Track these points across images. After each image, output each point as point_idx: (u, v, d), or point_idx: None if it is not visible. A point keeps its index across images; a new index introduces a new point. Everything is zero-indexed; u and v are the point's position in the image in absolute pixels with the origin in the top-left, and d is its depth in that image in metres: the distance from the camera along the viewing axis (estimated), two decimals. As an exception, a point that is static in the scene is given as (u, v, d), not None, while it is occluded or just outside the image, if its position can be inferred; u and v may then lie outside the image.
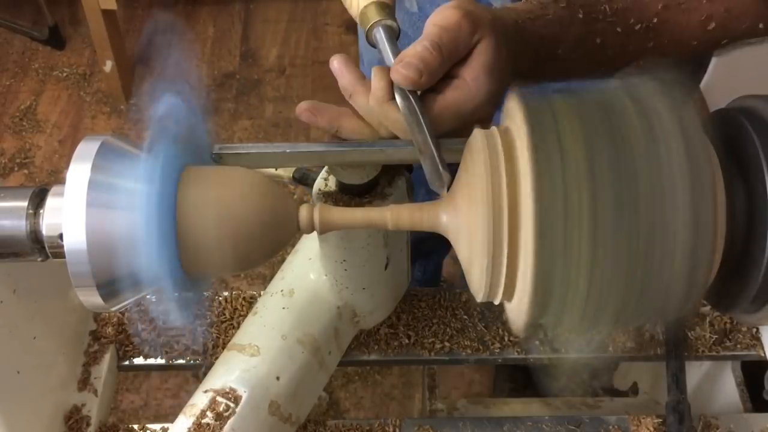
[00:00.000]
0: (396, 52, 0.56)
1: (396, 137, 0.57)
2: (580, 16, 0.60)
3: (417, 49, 0.53)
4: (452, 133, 0.55)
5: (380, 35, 0.57)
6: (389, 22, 0.58)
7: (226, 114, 2.13)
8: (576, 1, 0.61)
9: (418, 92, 0.55)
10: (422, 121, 0.53)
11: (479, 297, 0.48)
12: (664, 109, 0.45)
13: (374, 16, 0.57)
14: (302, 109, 0.58)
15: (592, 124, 0.44)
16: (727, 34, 0.64)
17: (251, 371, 0.69)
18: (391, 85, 0.55)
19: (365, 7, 0.58)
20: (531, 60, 0.59)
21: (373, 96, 0.56)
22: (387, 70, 0.56)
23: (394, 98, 0.55)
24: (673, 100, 0.45)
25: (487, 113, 0.56)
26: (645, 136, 0.43)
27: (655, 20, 0.62)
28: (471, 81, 0.54)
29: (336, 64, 0.58)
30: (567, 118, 0.44)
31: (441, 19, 0.54)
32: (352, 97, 0.57)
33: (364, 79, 0.58)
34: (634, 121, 0.44)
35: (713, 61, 0.87)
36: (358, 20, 0.59)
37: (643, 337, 0.83)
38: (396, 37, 0.58)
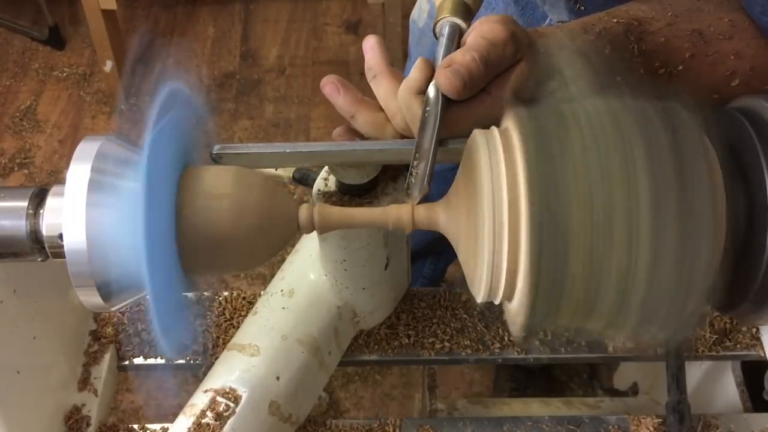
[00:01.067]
0: (450, 52, 0.56)
1: (403, 134, 0.57)
2: (607, 51, 0.60)
3: (466, 59, 0.53)
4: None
5: (445, 30, 0.57)
6: (458, 21, 0.57)
7: (226, 114, 2.13)
8: (605, 36, 0.60)
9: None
10: (436, 128, 0.53)
11: (479, 297, 0.48)
12: (663, 111, 0.45)
13: (447, 10, 0.57)
14: (328, 80, 0.58)
15: (591, 124, 0.44)
16: (749, 92, 0.63)
17: (251, 371, 0.69)
18: (428, 81, 0.55)
19: (444, 0, 0.58)
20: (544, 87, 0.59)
21: (406, 84, 0.55)
22: (430, 64, 0.55)
23: (423, 93, 0.54)
24: (670, 103, 0.46)
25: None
26: (645, 138, 0.43)
27: (680, 67, 0.61)
28: (496, 98, 0.54)
29: (371, 42, 0.58)
30: (567, 120, 0.45)
31: (489, 32, 0.54)
32: (377, 77, 0.57)
33: (391, 65, 0.57)
34: (634, 123, 0.44)
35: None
36: (436, 6, 0.59)
37: (642, 337, 0.83)
38: (460, 38, 0.58)
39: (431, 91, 0.54)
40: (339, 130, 0.59)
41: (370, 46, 0.58)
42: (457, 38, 0.58)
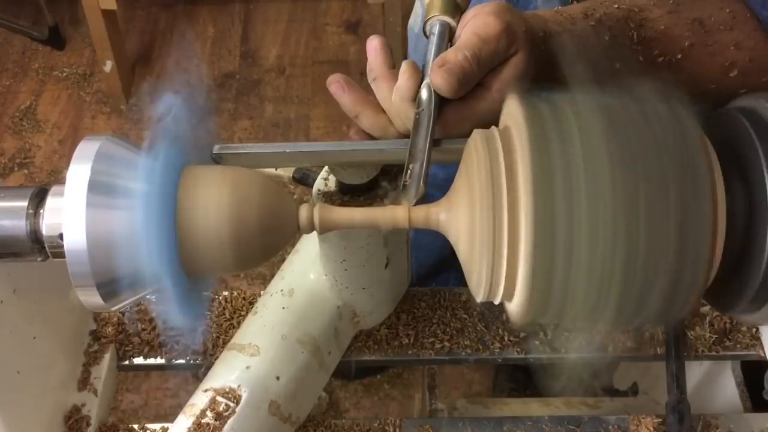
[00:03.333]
0: (441, 51, 0.56)
1: (405, 136, 0.57)
2: (607, 37, 0.59)
3: (458, 58, 0.52)
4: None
5: (435, 29, 0.57)
6: (447, 19, 0.57)
7: (226, 114, 2.13)
8: (606, 22, 0.60)
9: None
10: (430, 127, 0.53)
11: (479, 297, 0.48)
12: (663, 110, 0.45)
13: (437, 9, 0.57)
14: (334, 79, 0.58)
15: (592, 124, 0.44)
16: (746, 84, 0.63)
17: (251, 371, 0.69)
18: (417, 85, 0.54)
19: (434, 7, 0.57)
20: (550, 72, 0.59)
21: (397, 91, 0.55)
22: (416, 68, 0.55)
23: (416, 97, 0.54)
24: (671, 103, 0.46)
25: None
26: (645, 138, 0.43)
27: (679, 56, 0.61)
28: (496, 92, 0.54)
29: (375, 43, 0.57)
30: (567, 119, 0.45)
31: (481, 28, 0.53)
32: (377, 80, 0.57)
33: (393, 68, 0.57)
34: (634, 122, 0.44)
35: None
36: (426, 5, 0.58)
37: (642, 337, 0.83)
38: (450, 36, 0.57)
39: (424, 92, 0.54)
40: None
41: (373, 48, 0.57)
42: (447, 36, 0.57)
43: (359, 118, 0.58)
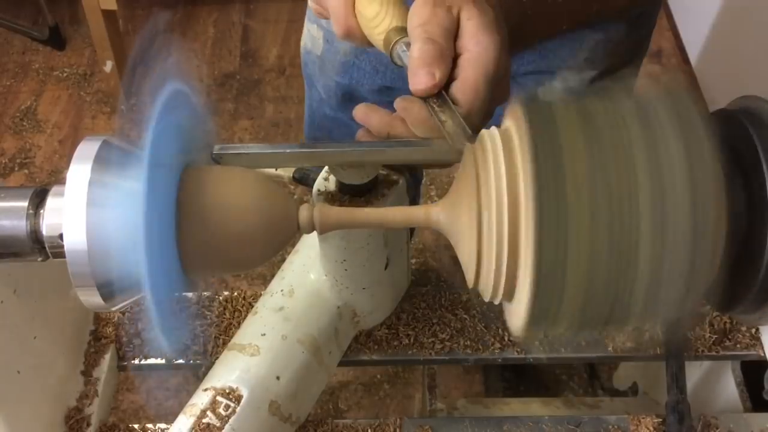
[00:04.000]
0: None
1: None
2: None
3: (415, 55, 0.53)
4: (494, 101, 0.55)
5: (402, 50, 0.57)
6: (408, 39, 0.58)
7: (226, 114, 2.13)
8: None
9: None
10: (455, 111, 0.53)
11: (470, 285, 0.48)
12: (664, 109, 0.45)
13: (395, 36, 0.57)
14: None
15: (592, 124, 0.44)
16: None
17: (251, 371, 0.69)
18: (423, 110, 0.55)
19: (387, 32, 0.58)
20: (518, 12, 0.60)
21: (414, 124, 0.55)
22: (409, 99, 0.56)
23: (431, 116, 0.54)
24: (674, 101, 0.45)
25: (507, 63, 0.56)
26: (645, 138, 0.43)
27: None
28: (475, 47, 0.54)
29: (362, 110, 0.58)
30: (567, 119, 0.44)
31: (417, 18, 0.54)
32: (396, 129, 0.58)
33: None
34: (635, 122, 0.44)
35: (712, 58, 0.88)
36: (382, 47, 0.59)
37: (642, 337, 0.83)
38: None
39: (430, 102, 0.54)
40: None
41: (363, 114, 0.58)
42: None
43: (391, 135, 0.58)
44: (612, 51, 0.84)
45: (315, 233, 0.52)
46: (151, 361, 0.83)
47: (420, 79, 0.53)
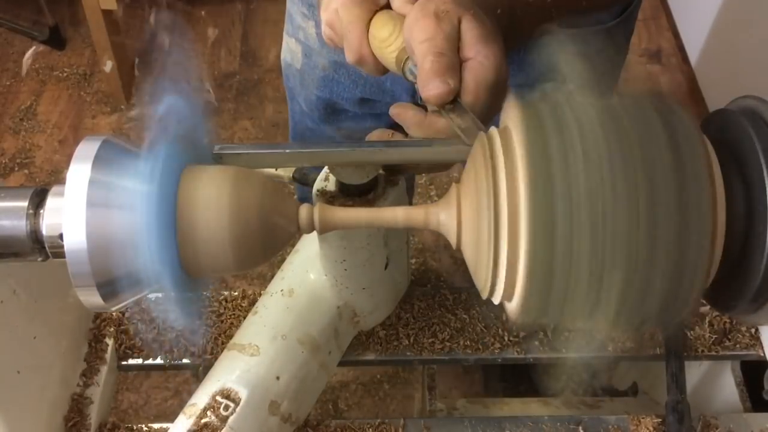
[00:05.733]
0: None
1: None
2: None
3: (426, 67, 0.54)
4: (493, 108, 0.56)
5: (414, 65, 0.58)
6: None
7: (226, 114, 2.13)
8: None
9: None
10: (469, 112, 0.54)
11: (483, 295, 0.48)
12: (662, 112, 0.45)
13: (406, 53, 0.58)
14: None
15: (590, 124, 0.44)
16: None
17: (251, 371, 0.69)
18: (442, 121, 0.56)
19: (399, 51, 0.59)
20: (507, 14, 0.61)
21: (411, 127, 0.57)
22: (422, 110, 0.57)
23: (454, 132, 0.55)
24: (669, 105, 0.46)
25: (506, 71, 0.57)
26: (644, 138, 0.44)
27: None
28: (475, 56, 0.55)
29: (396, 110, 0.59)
30: (565, 119, 0.45)
31: (420, 33, 0.55)
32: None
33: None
34: (633, 123, 0.44)
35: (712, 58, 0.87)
36: (393, 65, 0.60)
37: (642, 337, 0.83)
38: None
39: (445, 111, 0.55)
40: (379, 131, 0.60)
41: (397, 113, 0.59)
42: None
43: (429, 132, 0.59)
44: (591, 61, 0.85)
45: (315, 233, 0.52)
46: (151, 361, 0.83)
47: (434, 86, 0.53)
